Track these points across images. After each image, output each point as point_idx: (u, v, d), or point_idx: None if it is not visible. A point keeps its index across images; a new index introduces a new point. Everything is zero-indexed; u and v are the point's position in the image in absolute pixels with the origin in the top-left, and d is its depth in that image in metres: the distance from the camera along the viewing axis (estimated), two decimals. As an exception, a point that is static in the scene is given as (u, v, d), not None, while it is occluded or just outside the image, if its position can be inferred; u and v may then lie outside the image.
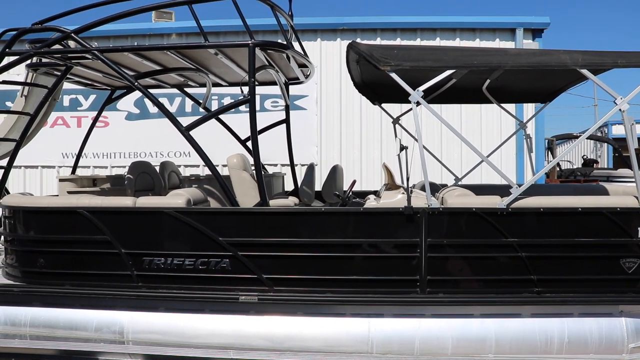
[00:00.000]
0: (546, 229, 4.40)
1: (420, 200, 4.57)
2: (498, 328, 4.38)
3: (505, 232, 4.38)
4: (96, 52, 5.04)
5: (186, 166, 10.71)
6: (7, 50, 5.40)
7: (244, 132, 7.01)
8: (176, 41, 10.59)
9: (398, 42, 10.43)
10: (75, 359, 4.93)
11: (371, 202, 4.91)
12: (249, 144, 5.55)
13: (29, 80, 6.15)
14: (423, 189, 5.20)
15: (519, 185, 4.50)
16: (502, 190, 4.98)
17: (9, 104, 10.48)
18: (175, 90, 7.55)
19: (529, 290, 4.42)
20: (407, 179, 4.49)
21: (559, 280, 4.41)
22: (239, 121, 7.99)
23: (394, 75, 4.52)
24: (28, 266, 5.05)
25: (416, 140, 4.58)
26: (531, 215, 4.41)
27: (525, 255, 4.38)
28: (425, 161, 4.50)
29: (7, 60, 5.48)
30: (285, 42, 5.36)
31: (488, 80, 5.79)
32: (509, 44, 10.43)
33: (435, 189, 5.42)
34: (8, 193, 5.63)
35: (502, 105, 6.68)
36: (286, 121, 7.13)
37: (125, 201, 4.84)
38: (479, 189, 5.03)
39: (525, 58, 4.50)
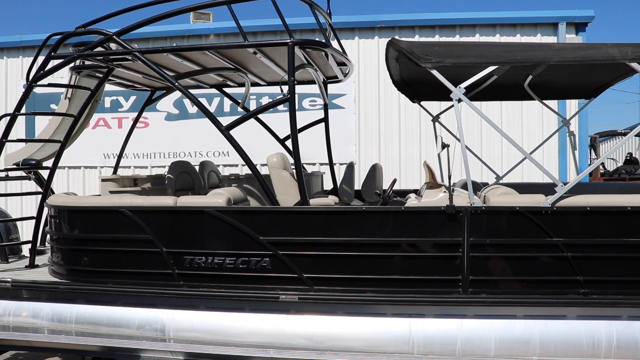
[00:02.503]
0: (593, 229, 4.27)
1: (462, 199, 4.50)
2: (543, 330, 4.27)
3: (550, 232, 4.28)
4: (137, 53, 5.11)
5: (225, 165, 10.78)
6: (52, 54, 5.52)
7: (282, 131, 7.04)
8: (214, 41, 10.67)
9: (436, 38, 10.31)
10: (119, 355, 5.01)
11: (412, 201, 4.86)
12: (288, 143, 5.56)
13: (72, 83, 6.27)
14: (464, 187, 5.12)
15: (564, 184, 4.38)
16: (545, 188, 4.87)
17: (53, 106, 10.70)
18: (213, 91, 7.61)
19: (575, 292, 4.30)
20: (449, 177, 4.42)
21: (607, 281, 4.28)
22: (277, 120, 8.03)
23: (435, 72, 4.46)
24: (72, 264, 5.15)
25: (457, 138, 4.52)
26: (577, 215, 4.29)
27: (571, 255, 4.26)
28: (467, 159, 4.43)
29: (52, 63, 5.60)
30: (324, 41, 5.34)
31: (530, 76, 5.67)
32: (551, 39, 10.19)
33: (476, 187, 5.33)
34: (53, 193, 5.76)
35: (544, 101, 6.54)
36: (325, 120, 7.11)
37: (167, 200, 4.89)
38: (522, 188, 4.93)
39: (571, 52, 4.38)
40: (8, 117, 5.62)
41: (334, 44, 5.97)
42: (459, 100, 4.46)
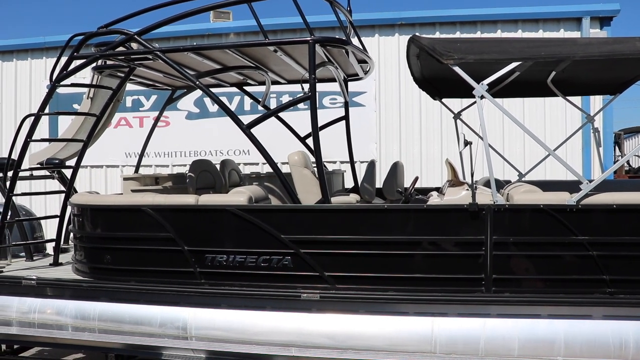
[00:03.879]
0: (619, 227, 4.19)
1: (485, 196, 4.45)
2: (567, 330, 4.20)
3: (575, 230, 4.21)
4: (158, 52, 5.13)
5: (245, 164, 10.81)
6: (75, 54, 5.57)
7: (302, 129, 7.02)
8: (234, 40, 10.69)
9: (457, 35, 10.22)
10: (141, 353, 5.05)
11: (434, 199, 4.82)
12: (308, 141, 5.54)
13: (94, 83, 6.33)
14: (486, 185, 5.06)
15: (589, 181, 4.31)
16: (569, 186, 4.80)
17: (75, 106, 10.83)
18: (234, 89, 7.63)
19: (601, 291, 4.23)
20: (472, 175, 4.37)
21: (634, 280, 4.20)
22: (297, 119, 8.01)
23: (457, 69, 4.42)
24: (95, 262, 5.20)
25: (479, 135, 4.47)
26: (603, 212, 4.22)
27: (597, 254, 4.19)
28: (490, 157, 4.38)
29: (74, 64, 5.65)
30: (344, 38, 5.32)
31: (553, 72, 5.58)
32: (574, 34, 10.05)
33: (499, 185, 5.27)
34: (76, 192, 5.81)
35: (568, 98, 6.44)
36: (345, 118, 7.09)
37: (188, 199, 4.91)
38: (545, 185, 4.86)
39: (597, 47, 4.31)
40: (32, 117, 5.68)
41: (355, 41, 5.94)
42: (482, 97, 4.41)
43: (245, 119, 5.01)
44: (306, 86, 4.81)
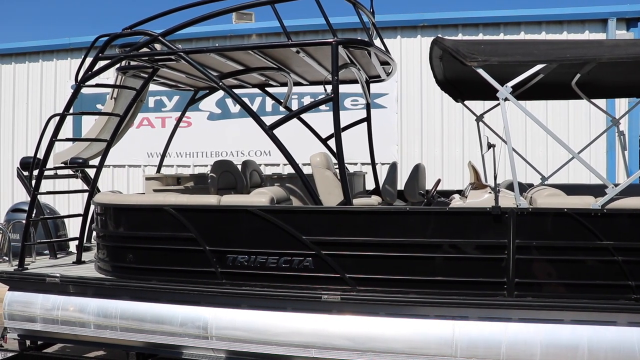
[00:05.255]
0: (646, 232, 4.13)
1: (508, 200, 4.41)
2: (591, 336, 4.15)
3: (599, 235, 4.15)
4: (182, 53, 5.17)
5: (267, 165, 10.84)
6: (100, 55, 5.63)
7: (322, 130, 7.03)
8: (256, 41, 10.73)
9: (480, 37, 10.14)
10: (162, 352, 5.08)
11: (457, 202, 4.79)
12: (330, 142, 5.55)
13: (118, 83, 6.39)
14: (509, 188, 5.02)
15: (615, 185, 4.25)
16: (593, 190, 4.74)
17: (99, 106, 10.94)
18: (256, 90, 7.65)
19: (626, 297, 4.16)
20: (495, 178, 4.34)
21: (660, 287, 4.13)
22: (318, 120, 8.01)
23: (481, 71, 4.38)
24: (118, 261, 5.25)
25: (501, 138, 4.43)
26: (629, 217, 4.16)
27: (622, 259, 4.13)
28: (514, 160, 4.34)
29: (99, 64, 5.71)
30: (367, 40, 5.31)
31: (578, 75, 5.52)
32: (600, 36, 9.91)
33: (522, 188, 5.22)
34: (99, 191, 5.87)
35: (593, 100, 6.36)
36: (367, 119, 7.08)
37: (210, 199, 4.93)
38: (569, 189, 4.80)
39: (624, 49, 4.25)
40: (57, 117, 5.75)
41: (377, 42, 5.93)
42: (506, 100, 4.37)
43: (267, 120, 5.03)
44: (329, 88, 4.80)
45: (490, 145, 4.32)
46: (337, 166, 4.91)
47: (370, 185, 7.88)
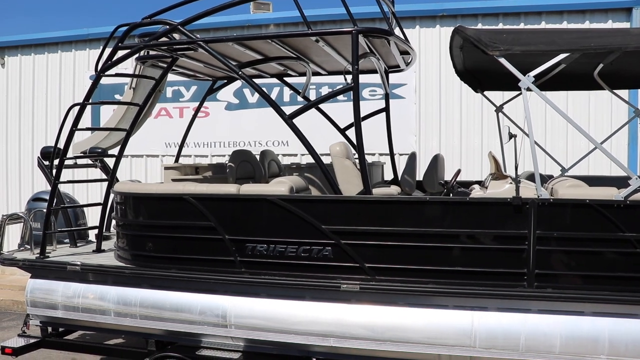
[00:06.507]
0: (670, 224, 4.07)
1: (529, 190, 4.37)
2: (612, 328, 4.12)
3: (622, 226, 4.10)
4: (201, 42, 5.17)
5: (284, 155, 10.83)
6: (119, 44, 5.65)
7: (340, 120, 7.00)
8: (274, 31, 10.70)
9: (500, 27, 10.03)
10: (181, 340, 5.12)
11: (477, 192, 4.76)
12: (348, 132, 5.53)
13: (137, 73, 6.41)
14: (529, 179, 4.98)
15: (639, 177, 4.19)
16: (615, 181, 4.69)
17: (117, 96, 10.99)
18: (274, 80, 7.64)
19: (649, 289, 4.12)
20: (516, 168, 4.30)
21: (684, 279, 4.08)
22: (337, 110, 7.98)
23: (503, 61, 4.34)
24: (137, 250, 5.28)
25: (521, 129, 4.39)
26: (653, 209, 4.10)
27: (645, 251, 4.08)
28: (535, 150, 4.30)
29: (118, 54, 5.73)
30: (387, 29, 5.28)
31: (601, 65, 5.43)
32: (623, 26, 9.74)
33: (542, 179, 5.17)
34: (117, 180, 5.91)
35: (615, 91, 6.27)
36: (386, 110, 7.05)
37: (230, 188, 4.95)
38: (590, 180, 4.75)
39: (651, 38, 4.18)
40: (77, 107, 5.79)
41: (397, 32, 5.89)
42: (528, 90, 4.32)
43: (285, 110, 5.02)
44: (349, 77, 4.78)
45: (511, 136, 4.28)
46: (356, 156, 4.89)
47: (388, 175, 7.86)
